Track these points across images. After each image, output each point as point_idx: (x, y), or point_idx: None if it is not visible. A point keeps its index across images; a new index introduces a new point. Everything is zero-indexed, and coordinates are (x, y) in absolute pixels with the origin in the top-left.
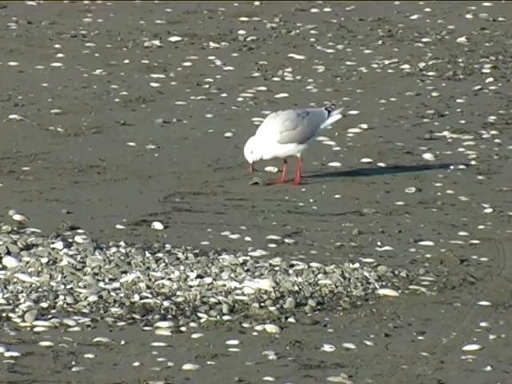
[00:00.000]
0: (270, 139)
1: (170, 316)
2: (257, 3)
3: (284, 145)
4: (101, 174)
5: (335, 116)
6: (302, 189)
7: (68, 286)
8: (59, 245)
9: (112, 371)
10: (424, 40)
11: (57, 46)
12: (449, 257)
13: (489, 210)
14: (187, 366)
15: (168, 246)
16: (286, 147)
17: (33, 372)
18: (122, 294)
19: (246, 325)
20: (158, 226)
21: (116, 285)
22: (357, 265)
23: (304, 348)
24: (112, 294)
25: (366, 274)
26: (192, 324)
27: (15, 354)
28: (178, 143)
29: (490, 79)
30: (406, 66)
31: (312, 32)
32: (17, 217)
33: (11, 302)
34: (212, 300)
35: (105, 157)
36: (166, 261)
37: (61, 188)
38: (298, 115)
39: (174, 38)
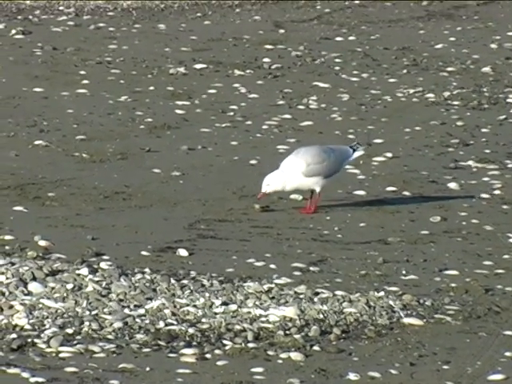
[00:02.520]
0: (296, 171)
1: (194, 343)
2: (282, 31)
3: (309, 178)
4: (126, 200)
5: (358, 152)
6: (327, 217)
7: (93, 312)
8: (84, 271)
9: None
10: (449, 69)
11: (82, 72)
12: (474, 286)
13: None
14: None
15: (193, 273)
16: (311, 180)
17: None
18: (147, 321)
19: (271, 352)
20: (183, 252)
21: (141, 311)
22: (382, 293)
23: (329, 376)
24: (137, 320)
25: (391, 302)
26: (217, 351)
27: (40, 379)
28: (203, 170)
29: None
30: (431, 95)
31: (337, 60)
32: (42, 243)
33: (37, 327)
34: (237, 327)
35: (130, 183)
36: (191, 288)
37: (86, 214)
38: (324, 151)
39: (199, 66)
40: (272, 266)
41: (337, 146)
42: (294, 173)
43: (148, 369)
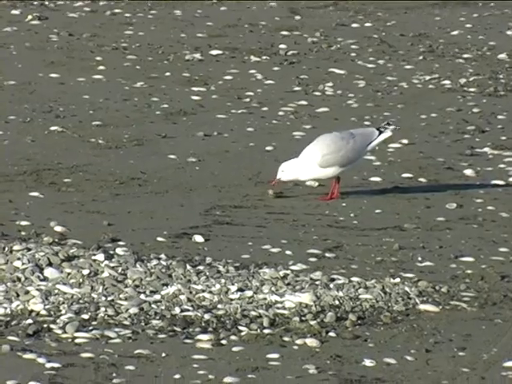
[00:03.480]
0: (311, 162)
1: (210, 329)
2: (298, 17)
3: (325, 168)
4: (142, 186)
5: (384, 134)
6: (343, 203)
7: (109, 298)
8: (100, 256)
9: (153, 383)
10: (465, 56)
11: (98, 58)
12: (489, 273)
13: None
14: (228, 379)
15: (209, 259)
16: (327, 171)
17: (74, 383)
18: (163, 307)
19: (286, 338)
20: (198, 238)
21: (157, 297)
22: (397, 280)
23: (344, 362)
24: (153, 306)
25: (406, 289)
26: (233, 337)
27: (56, 365)
28: (219, 156)
29: None
30: (447, 82)
31: (353, 47)
32: (58, 228)
33: (52, 313)
34: (253, 313)
35: (146, 169)
36: (207, 274)
37: (102, 200)
38: (342, 138)
39: (214, 52)
40: (288, 252)
41: (360, 130)
42: (309, 163)
43: (164, 355)
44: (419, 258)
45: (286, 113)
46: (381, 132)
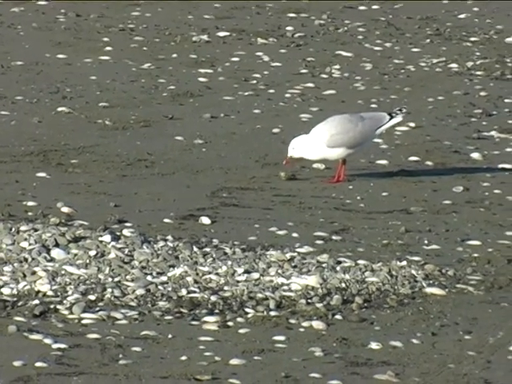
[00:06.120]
0: (319, 141)
1: (217, 311)
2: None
3: (332, 149)
4: (148, 167)
5: (394, 119)
6: (350, 186)
7: (116, 279)
8: (107, 238)
9: (159, 365)
10: (472, 39)
11: (105, 39)
12: (496, 256)
13: None
14: (234, 361)
15: (215, 241)
16: (335, 151)
17: (80, 364)
18: (170, 288)
19: (292, 321)
20: (205, 220)
21: (163, 279)
22: (404, 263)
23: (351, 345)
24: (159, 287)
25: (413, 272)
26: (239, 319)
27: (63, 345)
28: (226, 138)
29: None
30: (454, 65)
31: (360, 29)
32: (65, 209)
33: (59, 293)
34: (259, 295)
35: (153, 151)
36: (214, 255)
37: (109, 181)
38: (351, 121)
39: (222, 33)
40: (294, 234)
41: (370, 114)
42: (317, 142)
43: (170, 336)
44: (426, 241)
45: (292, 95)
46: (392, 117)
